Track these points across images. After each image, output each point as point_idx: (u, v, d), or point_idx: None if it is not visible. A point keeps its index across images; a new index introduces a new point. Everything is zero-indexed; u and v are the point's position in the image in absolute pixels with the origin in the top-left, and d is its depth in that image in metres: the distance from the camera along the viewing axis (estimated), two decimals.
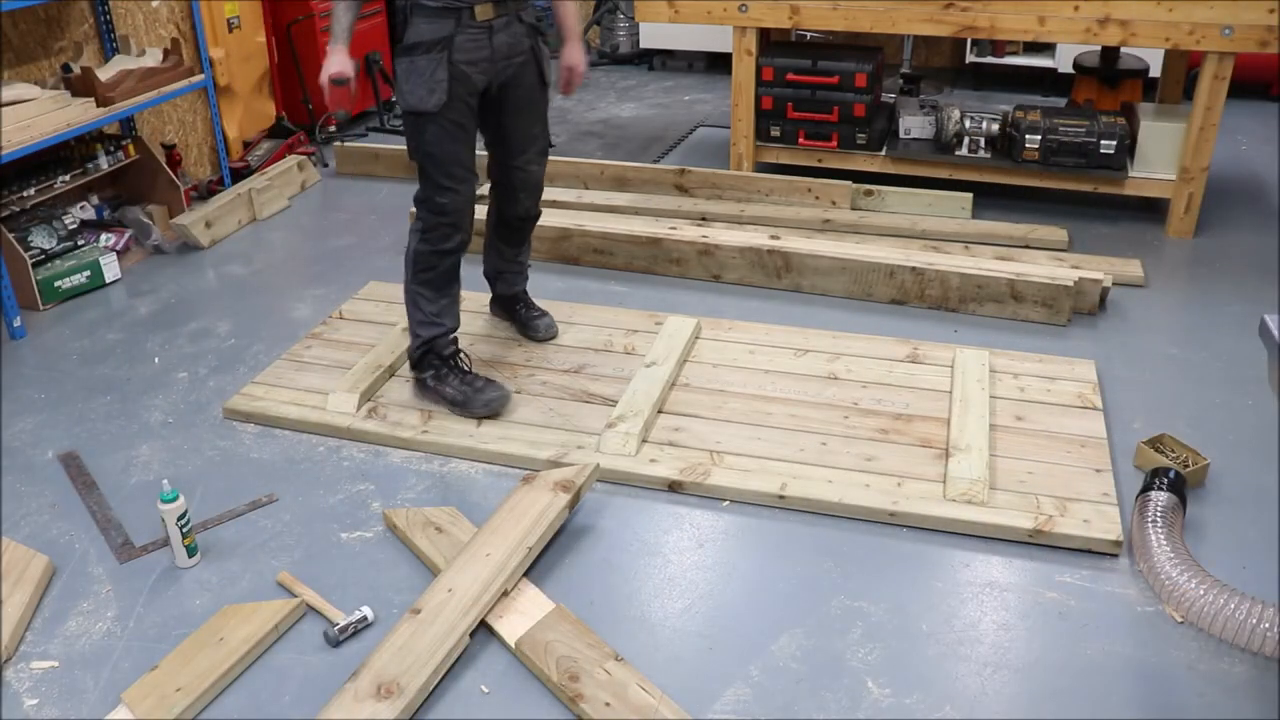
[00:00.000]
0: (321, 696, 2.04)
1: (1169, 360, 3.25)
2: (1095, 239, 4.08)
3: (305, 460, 2.83)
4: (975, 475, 2.58)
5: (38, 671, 2.16)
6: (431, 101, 2.69)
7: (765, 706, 2.05)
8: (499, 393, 2.94)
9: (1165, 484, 2.45)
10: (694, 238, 3.79)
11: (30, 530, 2.59)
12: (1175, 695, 2.07)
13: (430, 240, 2.85)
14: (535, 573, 2.37)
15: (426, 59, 2.67)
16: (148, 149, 4.21)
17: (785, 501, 2.59)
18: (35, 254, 3.73)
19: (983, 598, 2.31)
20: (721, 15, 4.25)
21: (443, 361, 2.96)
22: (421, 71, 2.68)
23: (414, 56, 2.69)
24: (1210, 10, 3.70)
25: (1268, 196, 4.50)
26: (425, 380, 2.98)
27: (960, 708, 2.04)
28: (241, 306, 3.71)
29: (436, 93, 2.68)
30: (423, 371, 2.98)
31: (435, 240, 2.85)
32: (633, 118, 5.82)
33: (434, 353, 2.95)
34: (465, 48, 2.70)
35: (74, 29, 4.10)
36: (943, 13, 3.99)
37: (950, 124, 4.26)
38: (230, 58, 4.77)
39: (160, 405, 3.11)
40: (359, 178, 4.93)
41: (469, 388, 2.92)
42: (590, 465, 2.61)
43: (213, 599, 2.34)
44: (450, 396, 2.93)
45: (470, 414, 2.91)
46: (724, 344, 3.28)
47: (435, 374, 2.96)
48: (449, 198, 2.80)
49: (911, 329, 3.41)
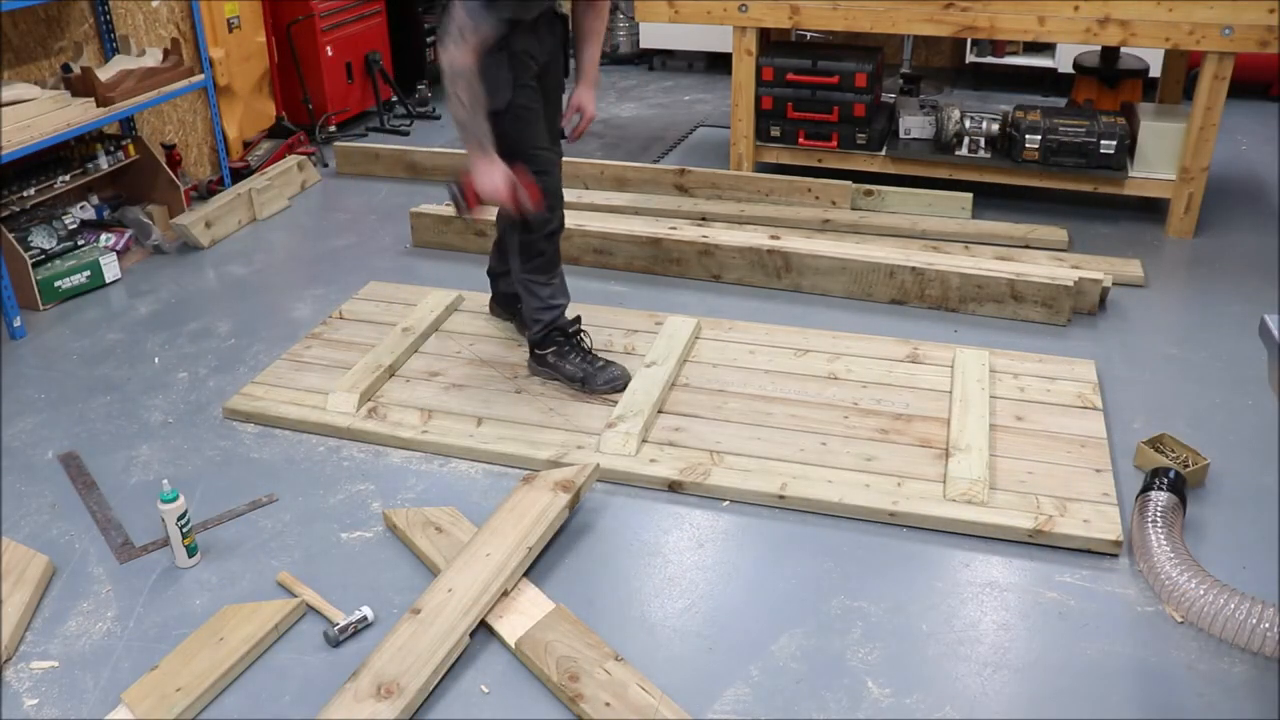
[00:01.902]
0: (321, 696, 2.04)
1: (1169, 360, 3.25)
2: (1095, 239, 4.08)
3: (305, 460, 2.83)
4: (975, 475, 2.58)
5: (38, 671, 2.16)
6: (498, 101, 2.70)
7: (765, 706, 2.05)
8: (619, 370, 3.02)
9: (1165, 484, 2.45)
10: (694, 238, 3.79)
11: (30, 530, 2.59)
12: (1175, 695, 2.07)
13: (533, 226, 2.87)
14: (535, 573, 2.37)
15: (488, 60, 2.65)
16: (148, 149, 4.21)
17: (785, 501, 2.59)
18: (35, 254, 3.73)
19: (983, 598, 2.31)
20: (721, 15, 4.25)
21: (566, 338, 3.03)
22: (484, 73, 2.65)
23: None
24: (1210, 10, 3.70)
25: (1268, 196, 4.50)
26: (546, 357, 3.04)
27: (960, 708, 2.04)
28: (241, 306, 3.71)
29: (502, 90, 2.70)
30: (545, 348, 3.04)
31: (539, 225, 2.88)
32: (633, 118, 5.82)
33: (558, 329, 3.01)
34: (522, 39, 2.72)
35: (74, 29, 4.11)
36: (943, 13, 3.99)
37: (950, 124, 4.26)
38: (230, 58, 4.77)
39: (160, 405, 3.11)
40: (359, 178, 4.93)
41: (590, 365, 3.01)
42: (590, 465, 2.61)
43: (213, 599, 2.34)
44: (570, 373, 3.01)
45: (592, 390, 2.98)
46: (724, 344, 3.28)
47: (557, 350, 3.03)
48: (541, 181, 2.80)
49: (911, 329, 3.41)
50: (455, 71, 2.57)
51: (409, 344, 3.25)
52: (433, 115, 5.76)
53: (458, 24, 2.54)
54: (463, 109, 2.62)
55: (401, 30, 5.84)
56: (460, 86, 2.59)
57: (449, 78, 2.60)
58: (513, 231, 2.92)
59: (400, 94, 5.70)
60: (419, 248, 4.14)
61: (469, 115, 2.63)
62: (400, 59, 5.91)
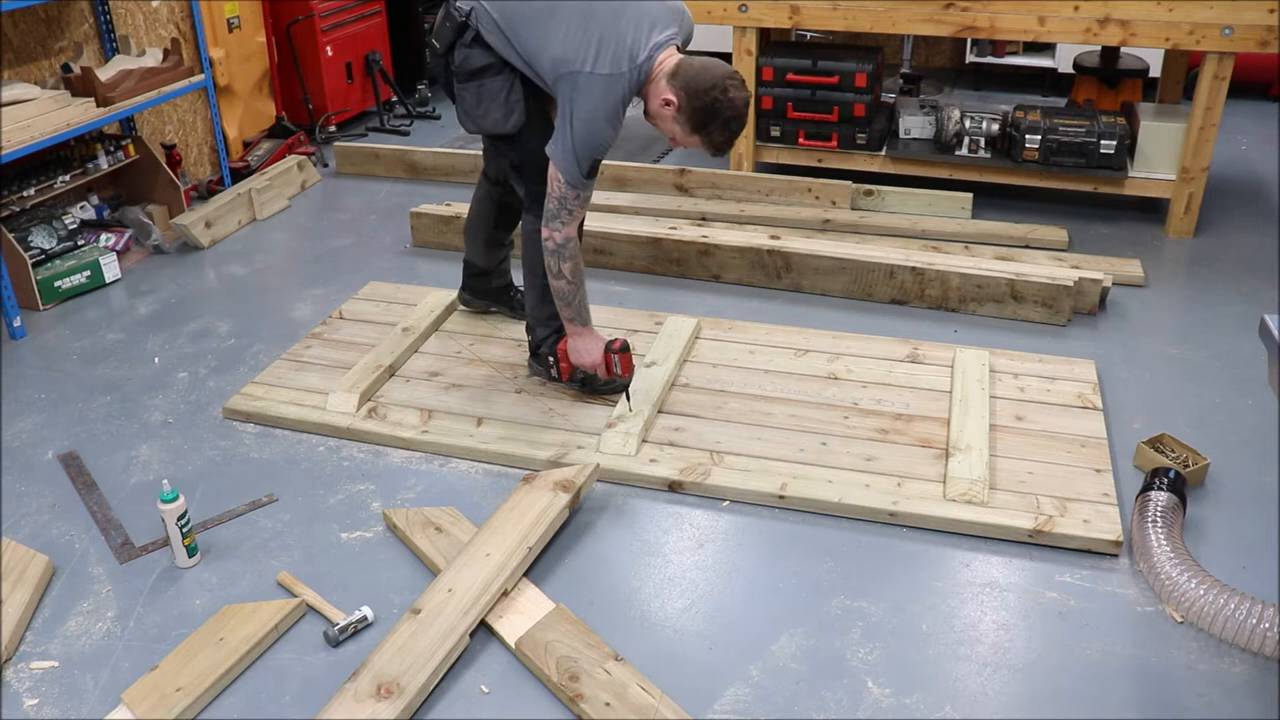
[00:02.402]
0: (321, 696, 2.05)
1: (1169, 360, 3.25)
2: (1095, 239, 4.08)
3: (305, 460, 2.83)
4: (975, 475, 2.58)
5: (38, 671, 2.16)
6: (511, 123, 2.64)
7: (765, 706, 2.05)
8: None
9: (1165, 484, 2.45)
10: (694, 238, 3.79)
11: (30, 530, 2.59)
12: (1175, 695, 2.07)
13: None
14: (535, 573, 2.37)
15: (497, 81, 2.60)
16: (148, 149, 4.21)
17: (785, 501, 2.59)
18: (35, 254, 3.73)
19: (983, 598, 2.31)
20: (721, 15, 4.25)
21: None
22: (494, 94, 2.61)
23: (483, 80, 2.61)
24: (1210, 10, 3.70)
25: (1268, 196, 4.50)
26: (547, 357, 3.02)
27: (960, 708, 2.04)
28: (241, 306, 3.71)
29: (515, 113, 2.63)
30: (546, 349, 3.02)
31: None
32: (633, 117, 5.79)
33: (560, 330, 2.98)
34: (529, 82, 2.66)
35: (74, 29, 4.11)
36: (943, 13, 3.99)
37: (950, 124, 4.26)
38: (230, 58, 4.77)
39: (160, 405, 3.11)
40: (359, 178, 4.93)
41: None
42: (590, 465, 2.61)
43: (213, 599, 2.34)
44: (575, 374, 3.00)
45: (593, 390, 2.98)
46: (724, 344, 3.28)
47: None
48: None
49: (911, 329, 3.41)
50: (560, 247, 2.56)
51: (409, 344, 3.25)
52: (433, 115, 5.76)
53: (558, 199, 2.50)
54: (567, 284, 2.64)
55: (401, 30, 5.84)
56: (565, 262, 2.59)
57: (554, 254, 2.57)
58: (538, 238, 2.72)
59: (400, 94, 5.70)
60: (419, 248, 4.14)
61: (572, 290, 2.65)
62: (400, 59, 5.91)
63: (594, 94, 2.42)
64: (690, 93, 2.43)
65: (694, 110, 2.44)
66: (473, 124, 2.71)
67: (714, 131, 2.49)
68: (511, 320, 3.40)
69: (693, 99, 2.43)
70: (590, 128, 2.43)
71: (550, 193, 2.52)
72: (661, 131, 2.57)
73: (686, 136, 2.52)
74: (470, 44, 2.60)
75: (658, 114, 2.51)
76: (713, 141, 2.51)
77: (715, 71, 2.45)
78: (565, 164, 2.48)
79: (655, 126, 2.59)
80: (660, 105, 2.48)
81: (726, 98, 2.43)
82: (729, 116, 2.46)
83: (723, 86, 2.42)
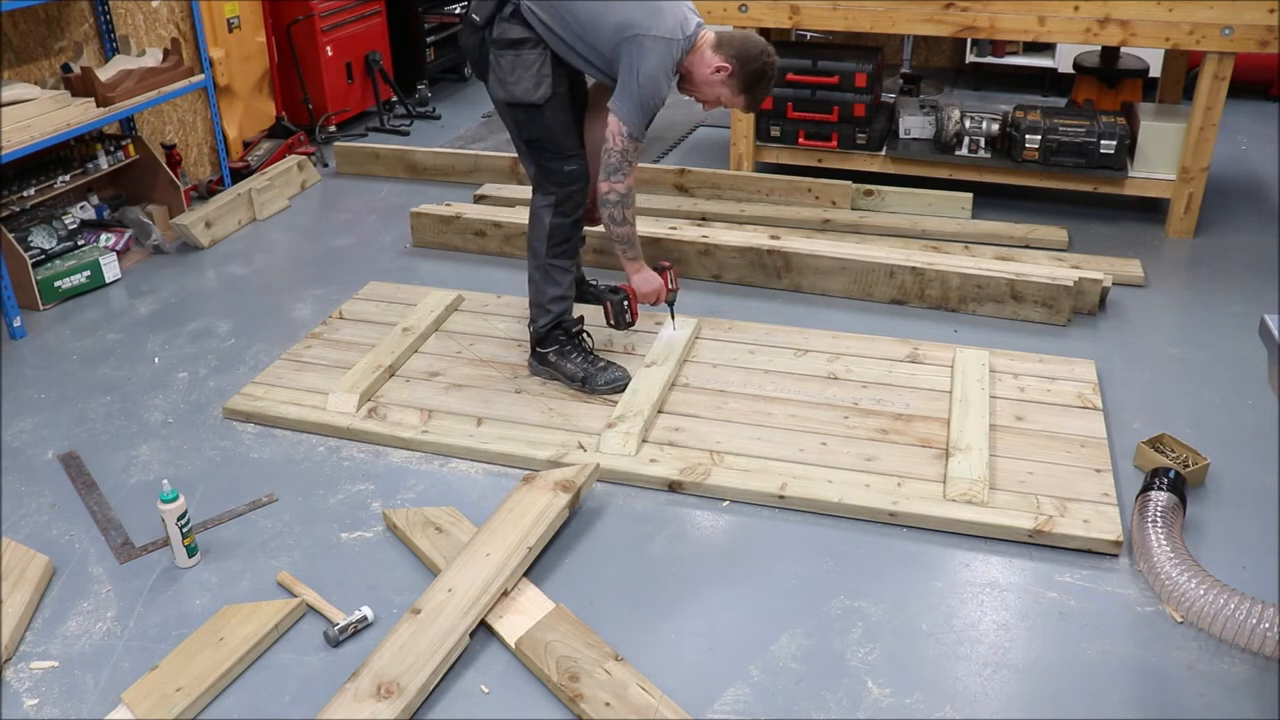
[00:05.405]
0: (321, 696, 2.05)
1: (1169, 360, 3.25)
2: (1095, 239, 4.08)
3: (305, 460, 2.83)
4: (975, 475, 2.58)
5: (38, 671, 2.16)
6: (539, 94, 2.79)
7: (765, 706, 2.05)
8: (620, 371, 3.04)
9: (1165, 484, 2.45)
10: (694, 238, 3.79)
11: (30, 530, 2.59)
12: (1175, 695, 2.07)
13: (565, 211, 2.94)
14: (535, 573, 2.37)
15: (533, 53, 2.76)
16: (148, 149, 4.21)
17: (785, 501, 2.59)
18: (35, 254, 3.73)
19: (983, 598, 2.31)
20: (721, 15, 4.25)
21: (569, 338, 3.06)
22: (528, 65, 2.77)
23: (521, 51, 2.77)
24: (1210, 10, 3.70)
25: (1268, 196, 4.50)
26: (548, 356, 3.06)
27: (960, 708, 2.04)
28: (241, 306, 3.71)
29: (543, 85, 2.79)
30: (546, 346, 3.06)
31: (570, 210, 2.94)
32: None
33: (562, 328, 3.04)
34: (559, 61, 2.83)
35: (74, 29, 4.11)
36: (943, 13, 3.99)
37: (950, 124, 4.26)
38: (230, 58, 4.77)
39: (160, 405, 3.11)
40: (359, 178, 4.93)
41: (591, 365, 3.03)
42: (590, 465, 2.61)
43: (213, 599, 2.34)
44: (571, 373, 3.02)
45: (592, 390, 3.00)
46: (724, 344, 3.28)
47: (559, 350, 3.05)
48: (576, 164, 2.90)
49: (911, 329, 3.41)
50: (623, 197, 2.82)
51: (409, 344, 3.25)
52: (433, 115, 5.76)
53: (620, 152, 2.76)
54: (628, 227, 2.89)
55: (401, 30, 5.84)
56: (628, 209, 2.85)
57: (618, 204, 2.82)
58: (543, 214, 2.95)
59: (400, 94, 5.70)
60: (419, 248, 4.14)
61: (631, 231, 2.90)
62: (400, 59, 5.91)
63: (656, 53, 2.70)
64: (742, 59, 2.78)
65: (747, 74, 2.80)
66: (503, 90, 2.83)
67: (759, 91, 2.85)
68: (512, 320, 3.39)
69: (745, 64, 2.78)
70: (654, 82, 2.71)
71: (612, 148, 2.77)
72: (701, 98, 2.87)
73: (734, 97, 2.84)
74: (509, 18, 2.77)
75: (706, 80, 2.81)
76: (756, 99, 2.87)
77: (756, 40, 2.83)
78: (632, 117, 2.73)
79: (693, 94, 2.89)
80: (711, 72, 2.79)
81: (771, 60, 2.82)
82: (771, 77, 2.86)
83: (767, 52, 2.81)
